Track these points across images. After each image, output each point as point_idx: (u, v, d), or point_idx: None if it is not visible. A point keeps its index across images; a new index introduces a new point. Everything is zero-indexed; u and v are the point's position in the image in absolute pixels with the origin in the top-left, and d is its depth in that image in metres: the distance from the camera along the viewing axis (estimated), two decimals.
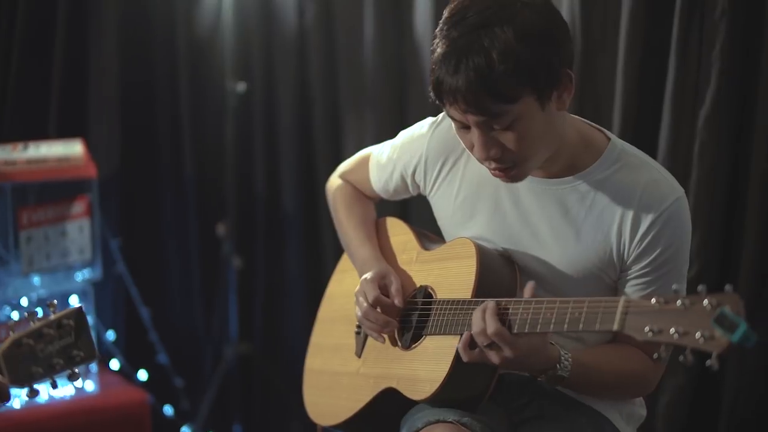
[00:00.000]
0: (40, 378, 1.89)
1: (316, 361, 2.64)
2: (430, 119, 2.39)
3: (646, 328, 1.72)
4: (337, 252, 2.72)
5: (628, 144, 2.20)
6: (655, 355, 1.77)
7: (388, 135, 2.57)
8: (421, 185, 2.40)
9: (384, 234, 2.55)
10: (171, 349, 4.22)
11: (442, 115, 2.32)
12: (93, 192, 3.64)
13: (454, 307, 2.16)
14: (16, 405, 3.44)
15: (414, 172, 2.39)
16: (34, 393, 1.91)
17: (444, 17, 2.03)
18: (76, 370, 1.93)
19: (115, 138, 4.15)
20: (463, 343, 2.04)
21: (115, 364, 3.98)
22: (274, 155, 4.35)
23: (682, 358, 1.68)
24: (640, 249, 2.10)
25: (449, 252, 2.31)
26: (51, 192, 3.59)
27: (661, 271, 2.11)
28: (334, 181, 2.67)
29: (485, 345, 1.99)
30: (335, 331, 2.59)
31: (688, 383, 2.87)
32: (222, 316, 4.35)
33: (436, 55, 2.01)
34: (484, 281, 2.16)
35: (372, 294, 2.31)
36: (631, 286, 2.15)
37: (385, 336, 2.33)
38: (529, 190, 2.20)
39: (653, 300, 1.74)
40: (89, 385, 3.63)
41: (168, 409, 4.15)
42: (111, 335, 4.03)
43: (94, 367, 3.64)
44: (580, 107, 2.98)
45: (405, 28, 3.74)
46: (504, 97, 1.96)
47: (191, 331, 4.44)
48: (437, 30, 2.03)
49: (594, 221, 2.15)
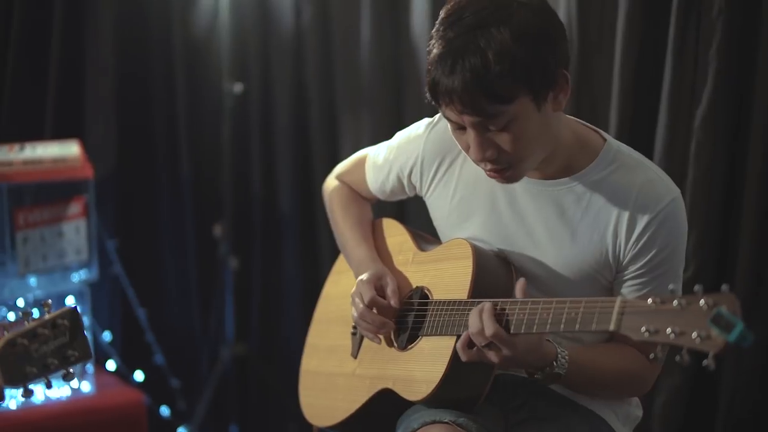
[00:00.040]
0: (35, 378, 1.88)
1: (312, 362, 2.64)
2: (426, 120, 2.38)
3: (643, 328, 1.72)
4: (334, 253, 2.71)
5: (624, 144, 2.20)
6: (652, 355, 1.77)
7: (385, 136, 2.57)
8: (418, 186, 2.40)
9: (380, 235, 2.55)
10: (167, 349, 4.21)
11: (438, 116, 2.31)
12: (89, 193, 3.63)
13: (450, 307, 2.16)
14: (12, 406, 3.43)
15: (410, 173, 2.39)
16: (28, 393, 1.90)
17: (440, 18, 2.03)
18: (71, 370, 1.92)
19: (112, 139, 4.14)
20: (461, 342, 2.04)
21: (111, 365, 3.97)
22: (271, 156, 4.35)
23: (678, 358, 1.68)
24: (636, 250, 2.10)
25: (445, 253, 2.30)
26: (47, 193, 3.58)
27: (657, 272, 2.11)
28: (331, 182, 2.67)
29: (483, 345, 1.99)
30: (331, 332, 2.58)
31: (685, 383, 2.87)
32: (218, 317, 4.35)
33: (432, 55, 2.01)
34: (480, 282, 2.16)
35: (368, 295, 2.30)
36: (627, 287, 2.14)
37: (381, 337, 2.33)
38: (525, 191, 2.20)
39: (649, 300, 1.73)
40: (85, 386, 3.62)
41: (164, 410, 4.15)
42: (107, 336, 4.03)
43: (90, 367, 3.64)
44: (576, 107, 2.98)
45: (402, 29, 3.74)
46: (500, 97, 1.95)
47: (188, 332, 4.43)
48: (433, 30, 2.03)
49: (590, 222, 2.14)
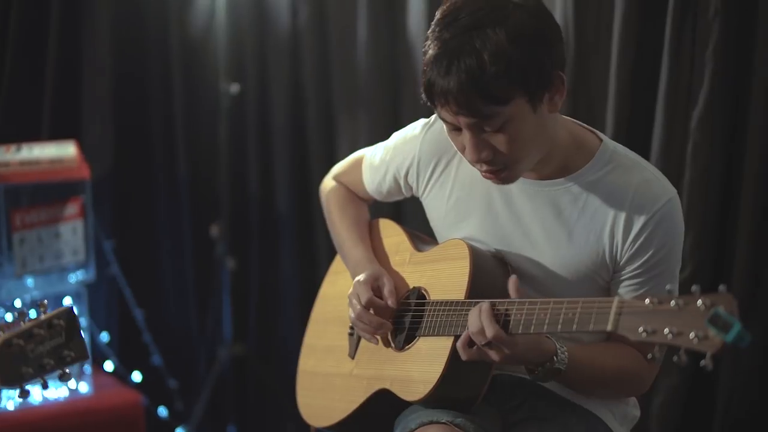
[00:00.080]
0: (31, 378, 1.88)
1: (309, 362, 2.64)
2: (422, 121, 2.38)
3: (640, 329, 1.72)
4: (331, 253, 2.71)
5: (620, 145, 2.20)
6: (650, 356, 1.76)
7: (382, 136, 2.57)
8: (414, 187, 2.40)
9: (377, 235, 2.55)
10: (165, 350, 4.21)
11: (434, 117, 2.31)
12: (86, 193, 3.63)
13: (447, 308, 2.16)
14: (10, 407, 3.43)
15: (407, 174, 2.39)
16: (24, 394, 1.90)
17: (436, 18, 2.03)
18: (67, 371, 1.92)
19: (109, 139, 4.14)
20: (462, 341, 2.04)
21: (109, 366, 3.97)
22: (268, 156, 4.35)
23: (676, 359, 1.67)
24: (633, 250, 2.10)
25: (442, 253, 2.30)
26: (44, 193, 3.58)
27: (654, 272, 2.11)
28: (328, 183, 2.67)
29: (483, 344, 1.99)
30: (328, 332, 2.58)
31: (683, 383, 2.87)
32: (216, 317, 4.35)
33: (428, 56, 2.00)
34: (477, 282, 2.15)
35: (365, 296, 2.30)
36: (624, 287, 2.14)
37: (378, 337, 2.33)
38: (522, 191, 2.20)
39: (647, 300, 1.73)
40: (83, 387, 3.62)
41: (162, 411, 4.15)
42: (105, 337, 4.03)
43: (88, 368, 3.64)
44: (573, 108, 2.98)
45: (398, 29, 3.74)
46: (495, 98, 1.95)
47: (185, 333, 4.43)
48: (429, 31, 2.03)
49: (587, 222, 2.14)
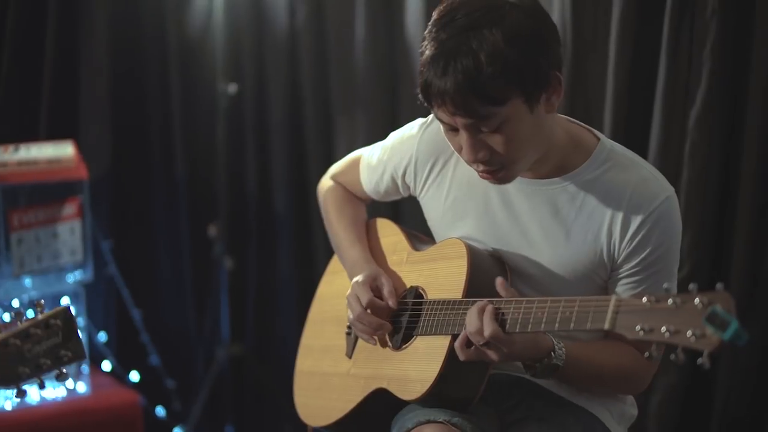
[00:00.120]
0: (28, 378, 1.87)
1: (306, 362, 2.64)
2: (420, 120, 2.38)
3: (637, 327, 1.72)
4: (328, 253, 2.71)
5: (617, 144, 2.19)
6: (647, 354, 1.76)
7: (380, 135, 2.57)
8: (411, 186, 2.40)
9: (374, 235, 2.54)
10: (163, 350, 4.21)
11: (431, 117, 2.31)
12: (84, 193, 3.63)
13: (444, 307, 2.15)
14: (7, 407, 3.43)
15: (404, 174, 2.39)
16: (21, 393, 1.89)
17: (433, 19, 2.03)
18: (64, 370, 1.92)
19: (106, 139, 4.14)
20: (460, 342, 2.04)
21: (106, 366, 3.97)
22: (266, 156, 4.35)
23: (673, 357, 1.67)
24: (630, 248, 2.10)
25: (440, 252, 2.30)
26: (42, 194, 3.58)
27: (651, 270, 2.11)
28: (325, 183, 2.67)
29: (482, 344, 1.99)
30: (326, 332, 2.58)
31: (680, 382, 2.87)
32: (214, 317, 4.35)
33: (425, 57, 2.00)
34: (475, 281, 2.15)
35: (366, 297, 2.30)
36: (621, 286, 2.14)
37: (376, 338, 2.33)
38: (519, 190, 2.20)
39: (644, 299, 1.73)
40: (81, 387, 3.62)
41: (160, 411, 4.15)
42: (103, 337, 4.03)
43: (85, 368, 3.64)
44: (571, 108, 2.98)
45: (396, 28, 3.74)
46: (492, 99, 1.95)
47: (183, 332, 4.43)
48: (426, 32, 2.03)
49: (584, 221, 2.14)
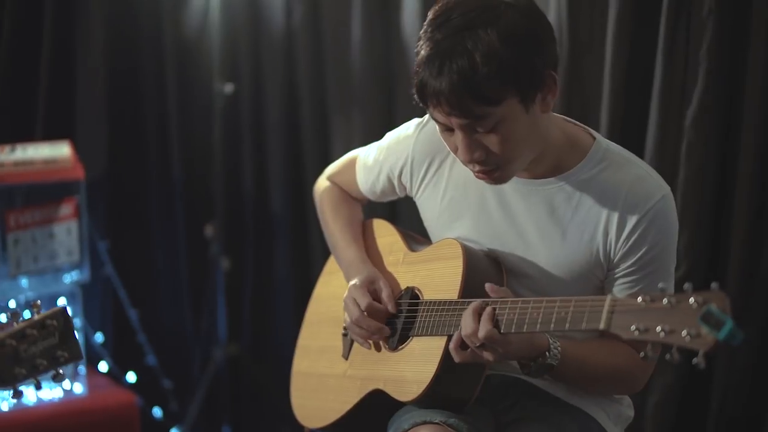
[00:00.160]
0: (24, 379, 1.87)
1: (303, 363, 2.64)
2: (416, 120, 2.38)
3: (633, 327, 1.72)
4: (325, 253, 2.71)
5: (613, 143, 2.20)
6: (642, 354, 1.75)
7: (376, 135, 2.56)
8: (408, 186, 2.39)
9: (370, 235, 2.54)
10: (159, 350, 4.21)
11: (427, 117, 2.30)
12: (81, 194, 3.62)
13: (440, 308, 2.15)
14: (4, 407, 3.43)
15: (400, 174, 2.39)
16: (18, 394, 1.89)
17: (428, 19, 2.03)
18: (61, 371, 1.92)
19: (103, 139, 4.14)
20: (454, 344, 2.04)
21: (103, 367, 3.97)
22: (262, 156, 4.34)
23: (668, 357, 1.68)
24: (627, 247, 2.10)
25: (436, 253, 2.30)
26: (38, 194, 3.58)
27: (647, 270, 2.11)
28: (322, 183, 2.67)
29: (477, 346, 1.99)
30: (322, 333, 2.58)
31: (677, 382, 2.87)
32: (210, 318, 4.34)
33: (420, 57, 2.00)
34: (471, 282, 2.15)
35: (364, 301, 2.29)
36: (617, 285, 2.14)
37: (371, 342, 2.33)
38: (515, 190, 2.20)
39: (639, 298, 1.73)
40: (78, 388, 3.62)
41: (157, 411, 4.15)
42: (99, 337, 4.03)
43: (82, 369, 3.63)
44: (567, 108, 2.98)
45: (393, 28, 3.74)
46: (487, 99, 1.95)
47: (180, 333, 4.43)
48: (421, 32, 2.03)
49: (580, 221, 2.14)
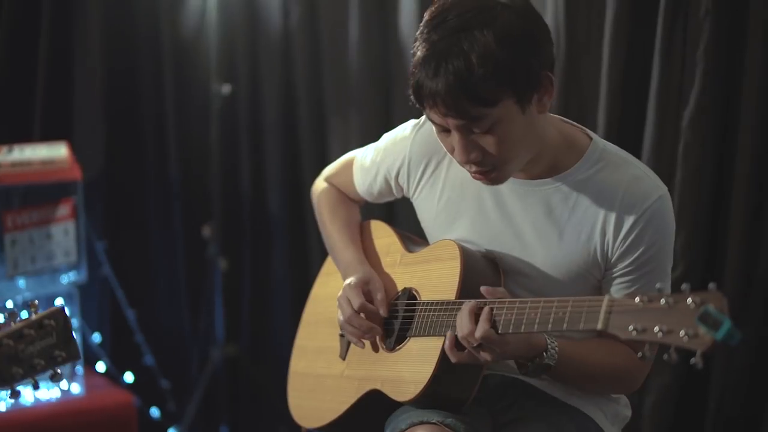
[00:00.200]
0: (21, 379, 1.87)
1: (300, 363, 2.64)
2: (413, 121, 2.38)
3: (630, 327, 1.72)
4: (323, 254, 2.71)
5: (610, 143, 2.19)
6: (640, 354, 1.76)
7: (373, 135, 2.57)
8: (405, 187, 2.39)
9: (368, 237, 2.54)
10: (157, 351, 4.21)
11: (424, 118, 2.30)
12: (78, 194, 3.63)
13: (438, 308, 2.15)
14: (1, 407, 3.43)
15: (397, 175, 2.39)
16: (15, 394, 1.89)
17: (424, 20, 2.03)
18: (59, 371, 1.91)
19: (100, 140, 4.14)
20: (448, 344, 2.04)
21: (101, 367, 3.97)
22: (260, 156, 4.35)
23: (666, 357, 1.68)
24: (624, 248, 2.10)
25: (433, 254, 2.30)
26: (36, 195, 3.58)
27: (644, 270, 2.11)
28: (319, 185, 2.67)
29: (474, 346, 1.99)
30: (319, 333, 2.58)
31: (674, 382, 2.87)
32: (208, 318, 4.35)
33: (416, 58, 2.01)
34: (468, 282, 2.15)
35: (357, 301, 2.29)
36: (615, 285, 2.14)
37: (366, 341, 2.33)
38: (512, 191, 2.20)
39: (637, 299, 1.73)
40: (75, 388, 3.62)
41: (154, 411, 4.15)
42: (97, 337, 4.03)
43: (80, 369, 3.64)
44: (564, 108, 2.98)
45: (390, 29, 3.74)
46: (483, 100, 1.95)
47: (177, 333, 4.43)
48: (418, 33, 2.03)
49: (577, 221, 2.14)
